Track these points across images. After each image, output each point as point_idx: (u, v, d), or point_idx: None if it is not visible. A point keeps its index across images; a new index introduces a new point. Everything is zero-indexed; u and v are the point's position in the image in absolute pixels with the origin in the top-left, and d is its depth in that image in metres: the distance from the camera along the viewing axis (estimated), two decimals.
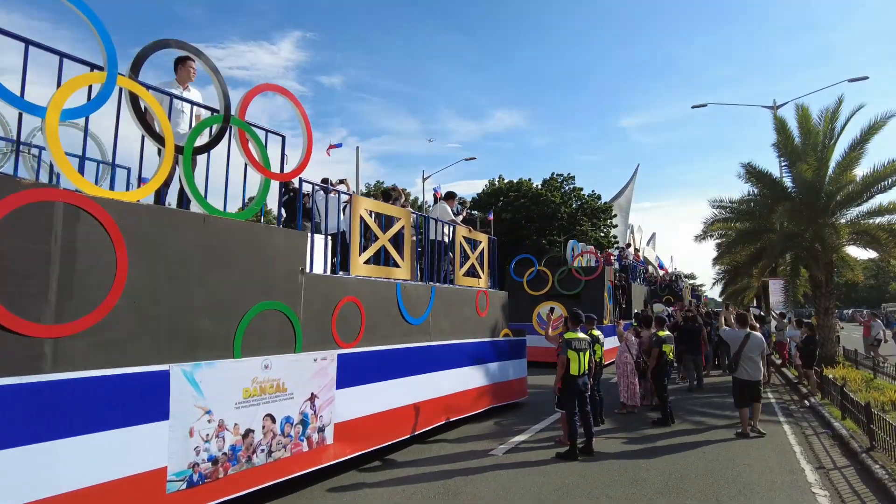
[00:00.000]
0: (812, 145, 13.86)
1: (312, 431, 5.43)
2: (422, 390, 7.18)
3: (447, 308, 8.25)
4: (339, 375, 5.75)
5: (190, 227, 4.46)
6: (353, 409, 5.92)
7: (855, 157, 13.50)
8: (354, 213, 6.44)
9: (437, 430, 7.65)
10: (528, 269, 17.52)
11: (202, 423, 4.35)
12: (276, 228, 5.36)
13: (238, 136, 5.08)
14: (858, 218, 13.62)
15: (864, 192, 13.36)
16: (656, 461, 6.46)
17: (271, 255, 5.14)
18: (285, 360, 5.16)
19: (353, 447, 5.91)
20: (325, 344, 5.68)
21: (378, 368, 6.37)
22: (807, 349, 11.42)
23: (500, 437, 7.55)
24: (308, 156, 5.70)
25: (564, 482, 5.66)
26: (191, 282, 4.42)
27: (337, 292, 5.93)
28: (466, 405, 8.29)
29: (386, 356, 6.55)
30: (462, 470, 6.04)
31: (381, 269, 6.94)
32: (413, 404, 6.97)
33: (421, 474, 5.92)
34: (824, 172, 13.65)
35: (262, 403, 4.89)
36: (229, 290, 4.71)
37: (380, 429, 6.31)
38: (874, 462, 6.04)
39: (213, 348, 4.55)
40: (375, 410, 6.27)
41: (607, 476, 5.88)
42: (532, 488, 5.46)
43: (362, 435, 6.04)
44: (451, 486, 5.49)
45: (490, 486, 5.50)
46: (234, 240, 4.82)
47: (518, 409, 9.83)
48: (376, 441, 6.26)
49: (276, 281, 5.15)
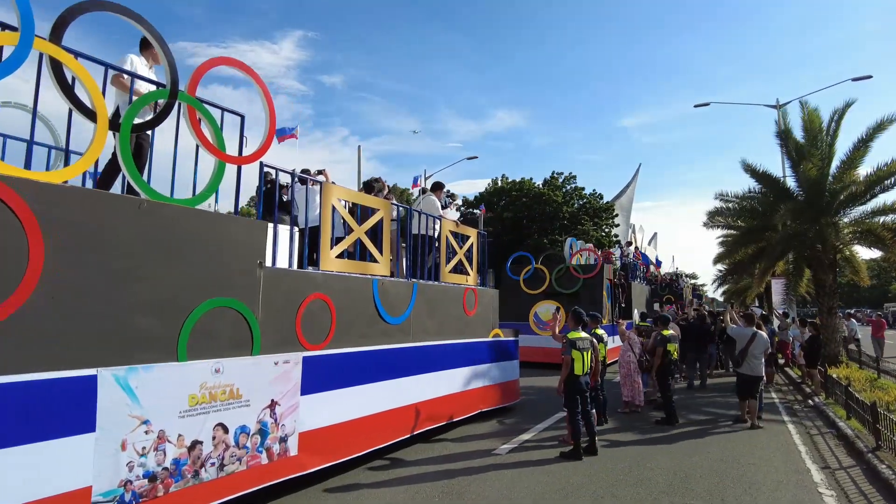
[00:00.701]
0: (816, 143, 13.55)
1: (273, 442, 4.91)
2: (402, 395, 6.67)
3: (431, 307, 7.73)
4: (305, 380, 5.23)
5: (125, 213, 3.94)
6: (321, 417, 5.41)
7: (859, 155, 13.16)
8: (325, 202, 5.92)
9: (438, 430, 7.47)
10: (524, 268, 17.05)
11: (138, 434, 3.84)
12: (231, 217, 4.83)
13: (188, 113, 4.56)
14: (862, 217, 13.30)
15: (867, 191, 13.06)
16: (661, 461, 6.39)
17: (225, 247, 4.62)
18: (240, 363, 4.64)
19: (323, 458, 5.39)
20: (287, 345, 5.16)
21: (351, 372, 5.85)
22: (811, 348, 11.35)
23: (504, 437, 7.48)
24: (270, 138, 5.19)
25: (569, 482, 5.61)
26: (127, 275, 3.90)
27: (303, 289, 5.40)
28: (453, 410, 7.78)
29: (360, 358, 6.03)
30: (466, 469, 5.96)
31: (356, 264, 6.41)
32: (392, 410, 6.45)
33: (424, 474, 5.83)
34: (828, 171, 13.36)
35: (213, 412, 4.38)
36: (174, 284, 4.20)
37: (353, 437, 5.80)
38: (880, 462, 6.00)
39: (154, 350, 4.03)
40: (348, 418, 5.76)
41: (612, 476, 5.82)
42: (536, 488, 5.42)
43: (333, 445, 5.53)
44: (454, 486, 5.44)
45: (494, 486, 5.45)
46: (181, 229, 4.30)
47: (521, 408, 9.64)
48: (350, 451, 5.74)
49: (230, 275, 4.63)
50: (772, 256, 13.87)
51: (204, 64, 4.67)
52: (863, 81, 19.38)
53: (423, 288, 7.57)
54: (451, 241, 8.60)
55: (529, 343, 14.99)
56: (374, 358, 6.24)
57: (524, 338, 14.16)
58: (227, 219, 4.78)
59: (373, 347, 6.29)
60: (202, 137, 4.63)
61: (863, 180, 13.05)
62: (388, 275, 6.90)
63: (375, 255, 6.67)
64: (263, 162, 5.28)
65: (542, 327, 15.57)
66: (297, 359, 5.16)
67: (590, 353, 6.68)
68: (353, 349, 5.96)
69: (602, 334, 8.18)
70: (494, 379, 8.98)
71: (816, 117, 13.63)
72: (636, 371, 9.35)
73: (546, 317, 15.44)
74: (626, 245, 24.19)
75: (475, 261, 9.32)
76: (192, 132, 4.58)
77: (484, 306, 9.27)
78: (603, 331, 8.51)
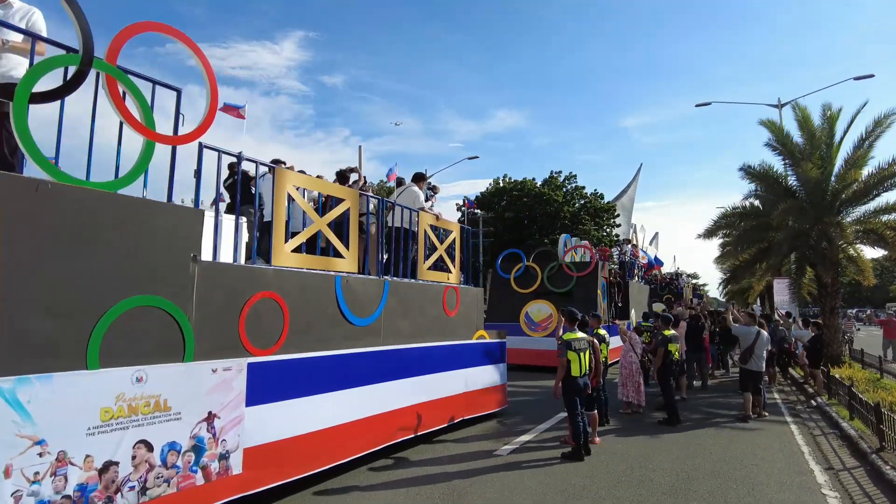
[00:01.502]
0: (816, 143, 13.29)
1: (210, 460, 4.31)
2: (371, 403, 6.07)
3: (406, 307, 7.13)
4: (251, 389, 4.64)
5: (19, 197, 3.36)
6: (271, 431, 4.80)
7: (862, 154, 12.88)
8: (279, 190, 5.33)
9: (438, 432, 7.32)
10: (515, 265, 16.17)
11: (28, 457, 3.24)
12: (159, 204, 4.22)
13: (107, 85, 3.97)
14: (865, 216, 13.08)
15: (870, 190, 12.82)
16: (662, 462, 6.33)
17: (150, 238, 4.03)
18: (169, 370, 4.05)
19: (273, 476, 4.79)
20: (229, 350, 4.56)
21: (308, 379, 5.24)
22: (814, 349, 11.17)
23: (505, 437, 7.40)
24: (211, 115, 4.59)
25: (570, 483, 5.54)
26: (20, 269, 3.32)
27: (248, 286, 4.80)
28: (431, 418, 7.16)
29: (319, 364, 5.42)
30: (467, 470, 5.90)
31: (317, 259, 5.81)
32: (358, 420, 5.85)
33: (425, 475, 5.74)
34: (830, 170, 13.12)
35: (133, 427, 3.78)
36: (84, 280, 3.61)
37: (311, 452, 5.19)
38: (885, 463, 5.93)
39: (55, 356, 3.44)
40: (305, 430, 5.15)
41: (613, 477, 5.75)
42: (537, 489, 5.35)
43: (286, 460, 4.93)
44: (455, 487, 5.35)
45: (495, 487, 5.38)
46: (95, 216, 3.72)
47: (522, 409, 9.50)
48: (306, 467, 5.14)
49: (156, 270, 4.04)
50: (778, 255, 13.72)
51: (125, 29, 4.08)
52: (866, 82, 18.98)
53: (397, 286, 6.96)
54: (430, 235, 7.99)
55: (520, 345, 14.27)
56: (336, 363, 5.62)
57: (514, 339, 13.47)
58: (154, 206, 4.16)
59: (335, 352, 5.67)
60: (125, 112, 4.05)
61: (864, 179, 12.87)
62: (356, 271, 6.31)
63: (340, 249, 6.08)
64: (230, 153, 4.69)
65: (533, 328, 14.77)
66: (240, 365, 4.56)
67: (588, 353, 6.50)
68: (311, 354, 5.34)
69: (604, 334, 7.97)
70: (478, 384, 8.32)
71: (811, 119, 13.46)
72: (638, 372, 9.22)
73: (538, 317, 14.74)
74: (624, 242, 23.57)
75: (458, 257, 8.69)
76: (113, 106, 4.00)
77: (467, 306, 8.65)
78: (605, 331, 8.26)
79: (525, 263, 16.06)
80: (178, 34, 4.34)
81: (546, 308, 14.71)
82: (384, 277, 6.81)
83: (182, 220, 4.27)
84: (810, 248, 13.27)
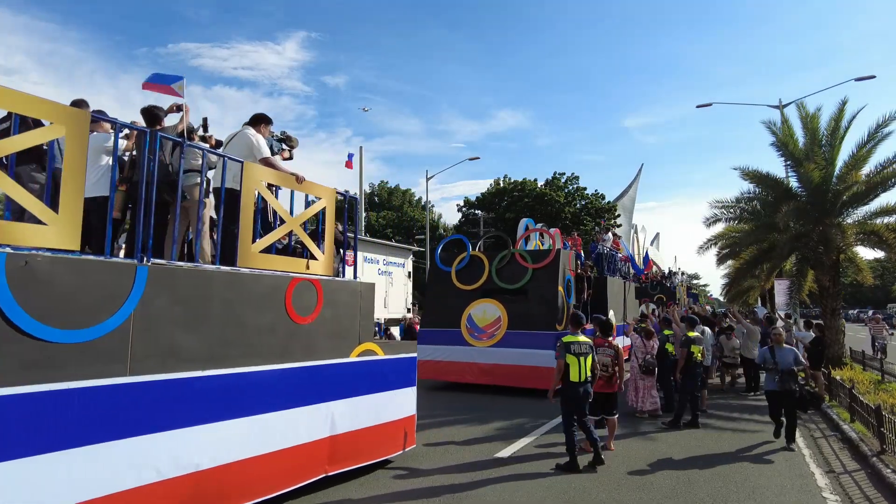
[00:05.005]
0: (817, 144, 13.46)
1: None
2: (100, 470, 3.53)
3: (199, 310, 4.32)
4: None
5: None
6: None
7: (863, 156, 13.07)
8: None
9: None
10: (458, 256, 12.41)
11: None
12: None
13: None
14: (865, 218, 13.25)
15: (870, 191, 13.00)
16: (664, 465, 6.33)
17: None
18: None
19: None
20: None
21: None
22: (815, 350, 11.09)
23: (507, 440, 7.31)
24: None
25: (571, 486, 5.53)
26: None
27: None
28: (245, 485, 4.51)
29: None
30: (467, 475, 5.81)
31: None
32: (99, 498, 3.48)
33: (425, 478, 5.68)
34: (831, 172, 13.26)
35: None
36: None
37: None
38: (885, 466, 5.91)
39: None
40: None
41: (614, 480, 5.74)
42: (538, 492, 5.33)
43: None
44: (456, 489, 5.34)
45: (495, 491, 5.36)
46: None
47: (525, 409, 9.20)
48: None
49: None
50: (780, 256, 13.77)
51: None
52: (868, 83, 19.18)
53: (173, 276, 4.19)
54: (265, 198, 5.28)
55: (461, 357, 11.32)
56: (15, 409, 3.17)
57: (454, 350, 11.40)
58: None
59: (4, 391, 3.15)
60: None
61: (864, 180, 13.00)
62: (54, 247, 3.55)
63: (37, 212, 3.49)
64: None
65: (476, 335, 11.37)
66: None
67: (589, 358, 6.12)
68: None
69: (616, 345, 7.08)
70: (356, 422, 5.71)
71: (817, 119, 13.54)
72: (639, 376, 9.05)
73: (483, 321, 11.42)
74: (602, 232, 20.66)
75: (329, 237, 5.84)
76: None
77: (339, 309, 5.68)
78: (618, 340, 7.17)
79: (469, 252, 12.27)
80: None
81: (494, 309, 11.36)
82: (134, 261, 3.99)
83: None
84: (811, 249, 13.28)
